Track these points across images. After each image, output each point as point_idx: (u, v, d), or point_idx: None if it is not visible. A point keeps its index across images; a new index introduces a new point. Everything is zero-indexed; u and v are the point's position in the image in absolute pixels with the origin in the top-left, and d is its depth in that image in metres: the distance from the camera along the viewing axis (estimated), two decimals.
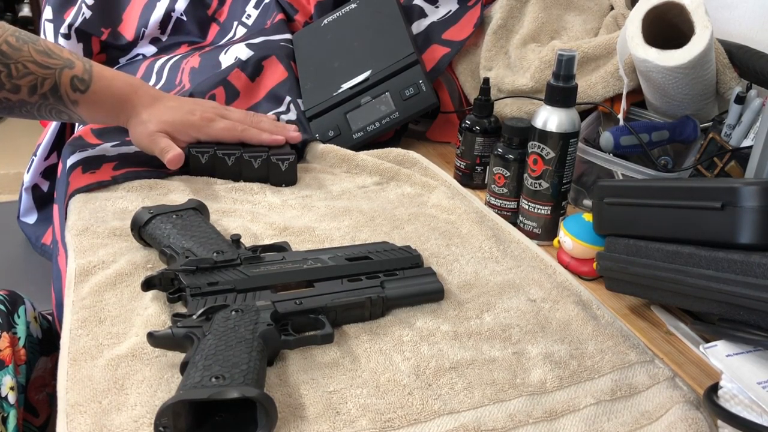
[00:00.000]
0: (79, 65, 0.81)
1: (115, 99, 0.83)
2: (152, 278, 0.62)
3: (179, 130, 0.85)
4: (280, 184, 0.89)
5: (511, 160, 0.83)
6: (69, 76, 0.80)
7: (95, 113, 0.84)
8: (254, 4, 1.29)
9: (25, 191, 1.51)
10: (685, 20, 0.83)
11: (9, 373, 0.68)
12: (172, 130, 0.85)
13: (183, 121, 0.85)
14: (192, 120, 0.86)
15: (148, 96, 0.85)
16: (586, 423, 0.53)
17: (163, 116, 0.84)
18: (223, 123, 0.88)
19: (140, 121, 0.84)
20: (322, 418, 0.51)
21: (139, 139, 0.85)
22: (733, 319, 0.56)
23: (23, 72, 0.77)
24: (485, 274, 0.71)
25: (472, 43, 1.11)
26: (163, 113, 0.85)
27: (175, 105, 0.87)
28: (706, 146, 0.84)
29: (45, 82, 0.78)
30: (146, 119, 0.84)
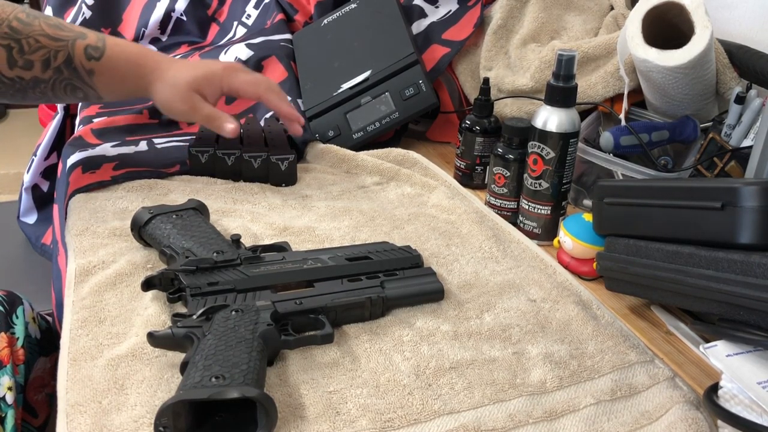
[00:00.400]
0: (91, 35, 0.79)
1: (132, 63, 0.80)
2: (152, 278, 0.62)
3: (207, 83, 0.82)
4: (280, 183, 0.89)
5: (511, 160, 0.83)
6: (82, 46, 0.77)
7: (112, 82, 0.80)
8: (254, 4, 1.29)
9: (25, 191, 1.51)
10: (685, 20, 0.83)
11: (7, 373, 0.68)
12: (203, 84, 0.81)
13: (208, 73, 0.82)
14: (215, 70, 0.82)
15: (165, 59, 0.82)
16: (586, 423, 0.53)
17: (189, 72, 0.81)
18: (247, 75, 0.85)
19: (166, 82, 0.80)
20: (322, 418, 0.51)
21: (170, 102, 0.81)
22: (733, 319, 0.56)
23: (35, 46, 0.75)
24: (485, 274, 0.71)
25: (472, 43, 1.11)
26: (188, 69, 0.81)
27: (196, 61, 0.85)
28: (706, 146, 0.84)
29: (58, 55, 0.76)
30: (172, 80, 0.80)
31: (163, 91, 0.81)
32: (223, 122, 0.81)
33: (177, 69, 0.81)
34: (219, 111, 0.82)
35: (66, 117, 1.41)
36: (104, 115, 1.07)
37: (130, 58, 0.80)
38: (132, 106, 1.13)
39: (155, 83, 0.81)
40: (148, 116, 1.06)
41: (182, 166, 0.89)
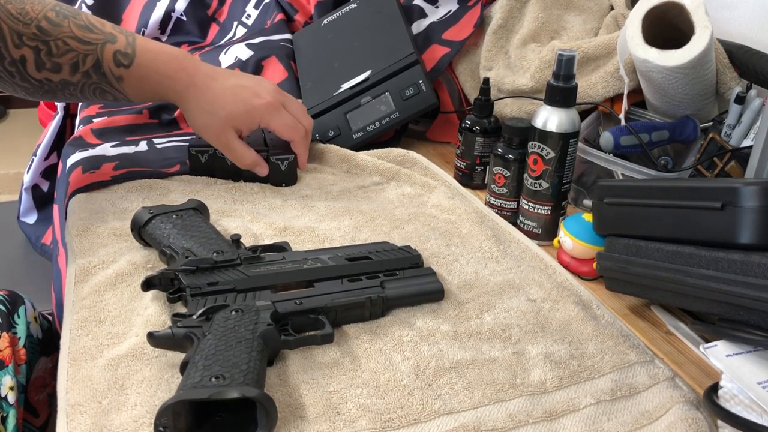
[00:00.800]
0: (121, 39, 0.76)
1: (162, 75, 0.78)
2: (152, 278, 0.62)
3: (246, 120, 0.81)
4: (280, 183, 0.89)
5: (511, 160, 0.83)
6: (112, 51, 0.75)
7: (142, 89, 0.78)
8: (254, 4, 1.29)
9: (25, 191, 1.51)
10: (685, 20, 0.83)
11: (9, 373, 0.68)
12: (240, 122, 0.80)
13: (249, 110, 0.80)
14: (257, 105, 0.81)
15: (200, 74, 0.79)
16: (586, 423, 0.53)
17: (228, 106, 0.79)
18: (287, 118, 0.83)
19: (201, 107, 0.79)
20: (322, 418, 0.51)
21: (203, 130, 0.81)
22: (733, 319, 0.56)
23: (63, 49, 0.72)
24: (485, 274, 0.71)
25: (472, 43, 1.11)
26: (227, 102, 0.79)
27: (235, 84, 0.81)
28: (706, 146, 0.84)
29: (87, 59, 0.74)
30: (209, 108, 0.79)
31: (198, 117, 0.80)
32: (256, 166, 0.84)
33: (215, 95, 0.79)
34: (251, 153, 0.83)
35: (66, 117, 1.41)
36: (104, 115, 1.07)
37: (160, 69, 0.77)
38: (132, 106, 1.13)
39: (189, 102, 0.79)
40: (148, 116, 1.06)
41: (182, 166, 0.89)
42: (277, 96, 0.83)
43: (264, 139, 0.92)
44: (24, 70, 0.72)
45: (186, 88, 0.78)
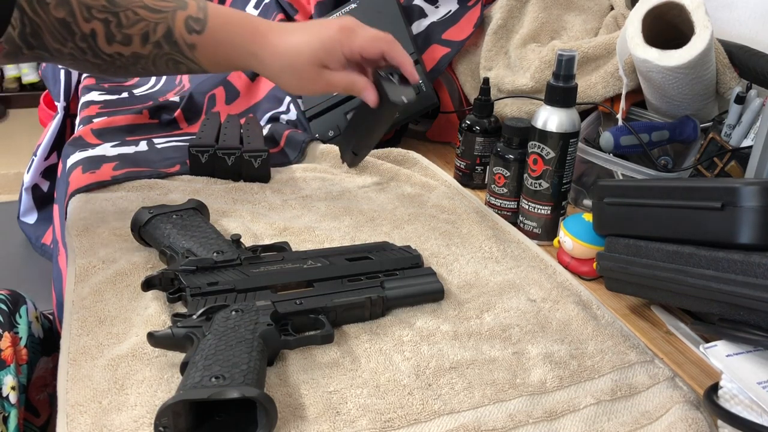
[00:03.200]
0: (192, 5, 0.73)
1: (237, 38, 0.74)
2: (152, 278, 0.62)
3: (328, 54, 0.74)
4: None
5: (511, 160, 0.83)
6: (183, 17, 0.71)
7: (216, 55, 0.74)
8: (254, 4, 1.29)
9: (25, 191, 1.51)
10: (685, 20, 0.83)
11: (10, 373, 0.68)
12: (324, 58, 0.74)
13: (327, 42, 0.74)
14: (332, 35, 0.74)
15: (273, 31, 0.75)
16: (586, 423, 0.53)
17: (305, 46, 0.73)
18: (366, 32, 0.75)
19: (281, 57, 0.74)
20: (322, 418, 0.51)
21: (298, 85, 0.76)
22: (733, 319, 0.56)
23: (134, 19, 0.70)
24: (485, 274, 0.71)
25: (472, 43, 1.11)
26: (303, 42, 0.74)
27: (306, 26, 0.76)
28: (706, 146, 0.84)
29: (158, 28, 0.71)
30: (288, 56, 0.74)
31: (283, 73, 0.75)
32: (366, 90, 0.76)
33: (289, 43, 0.74)
34: (354, 76, 0.76)
35: (66, 117, 1.41)
36: (104, 115, 1.07)
37: (235, 30, 0.74)
38: (132, 106, 1.13)
39: (266, 61, 0.75)
40: (148, 116, 1.06)
41: (182, 166, 0.89)
42: (349, 19, 0.77)
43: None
44: (95, 45, 0.70)
45: (263, 48, 0.74)
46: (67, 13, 0.68)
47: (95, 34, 0.70)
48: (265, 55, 0.74)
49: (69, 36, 0.69)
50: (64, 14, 0.68)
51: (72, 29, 0.69)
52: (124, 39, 0.70)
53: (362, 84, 0.76)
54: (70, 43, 0.70)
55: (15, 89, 3.41)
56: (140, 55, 0.72)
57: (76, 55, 0.71)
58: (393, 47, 0.76)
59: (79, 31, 0.69)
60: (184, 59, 0.74)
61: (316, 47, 0.74)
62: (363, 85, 0.76)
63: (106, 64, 0.72)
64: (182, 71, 0.75)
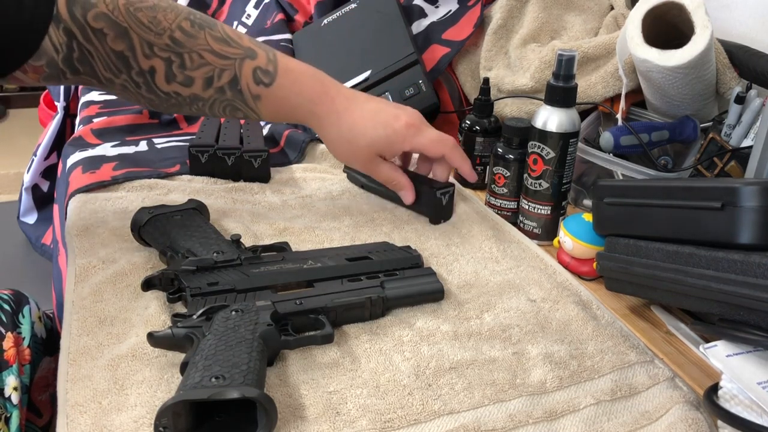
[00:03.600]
0: (262, 55, 0.72)
1: (304, 98, 0.74)
2: (152, 278, 0.62)
3: (389, 146, 0.76)
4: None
5: (511, 160, 0.83)
6: (251, 67, 0.70)
7: (278, 110, 0.74)
8: (254, 4, 1.29)
9: (25, 191, 1.51)
10: (685, 20, 0.83)
11: (13, 373, 0.68)
12: (384, 148, 0.76)
13: (391, 135, 0.75)
14: (397, 128, 0.76)
15: (341, 97, 0.76)
16: (586, 423, 0.53)
17: (369, 132, 0.75)
18: (431, 134, 0.78)
19: (342, 133, 0.75)
20: (322, 419, 0.51)
21: (346, 156, 0.79)
22: (733, 319, 0.56)
23: (198, 62, 0.68)
24: (485, 274, 0.71)
25: (472, 43, 1.11)
26: (368, 127, 0.75)
27: (375, 108, 0.76)
28: (706, 146, 0.84)
29: (223, 74, 0.69)
30: (349, 134, 0.75)
31: (340, 146, 0.77)
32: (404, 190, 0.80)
33: (354, 120, 0.75)
34: (399, 176, 0.79)
35: (66, 117, 1.41)
36: (104, 115, 1.07)
37: (303, 91, 0.74)
38: (132, 106, 1.13)
39: (329, 129, 0.76)
40: (148, 116, 1.06)
41: (182, 166, 0.89)
42: (418, 117, 0.79)
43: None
44: (152, 81, 0.68)
45: (327, 114, 0.75)
46: (127, 47, 0.66)
47: (154, 71, 0.68)
48: (328, 121, 0.75)
49: (125, 69, 0.67)
50: (123, 48, 0.66)
51: (129, 63, 0.67)
52: (186, 80, 0.69)
53: (405, 184, 0.80)
54: (124, 75, 0.67)
55: (15, 89, 3.42)
56: (199, 97, 0.71)
57: (129, 87, 0.69)
58: (454, 151, 0.79)
59: (137, 66, 0.67)
60: (245, 107, 0.73)
61: (380, 137, 0.75)
62: (405, 185, 0.80)
63: (159, 100, 0.71)
64: (237, 117, 0.75)
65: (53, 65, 0.65)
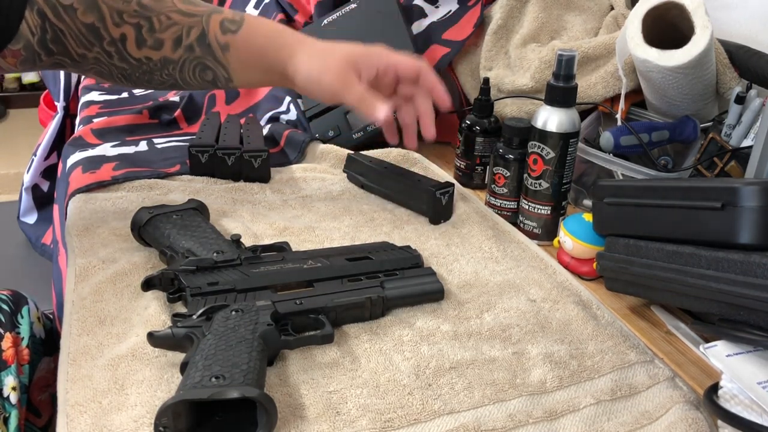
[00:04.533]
0: (228, 10, 0.73)
1: (272, 34, 0.73)
2: (152, 278, 0.62)
3: (366, 59, 0.73)
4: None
5: (511, 160, 0.83)
6: (218, 19, 0.71)
7: (249, 57, 0.73)
8: (254, 4, 1.29)
9: (25, 191, 1.51)
10: (685, 20, 0.83)
11: (11, 374, 0.68)
12: (360, 61, 0.73)
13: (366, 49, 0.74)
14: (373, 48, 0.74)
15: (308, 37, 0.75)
16: (586, 423, 0.53)
17: (345, 46, 0.73)
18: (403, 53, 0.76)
19: (315, 54, 0.73)
20: (322, 418, 0.51)
21: (320, 74, 0.73)
22: (733, 319, 0.56)
23: (166, 23, 0.69)
24: (485, 274, 0.71)
25: (472, 43, 1.11)
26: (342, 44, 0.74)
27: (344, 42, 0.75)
28: (706, 146, 0.84)
29: (191, 31, 0.70)
30: (323, 52, 0.73)
31: (312, 62, 0.73)
32: (377, 105, 0.71)
33: (326, 44, 0.74)
34: (372, 92, 0.73)
35: (66, 117, 1.41)
36: (104, 115, 1.07)
37: (269, 33, 0.73)
38: (132, 106, 1.13)
39: (299, 54, 0.73)
40: (148, 116, 1.06)
41: (182, 166, 0.89)
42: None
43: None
44: (124, 50, 0.69)
45: (296, 43, 0.74)
46: (97, 18, 0.67)
47: (125, 39, 0.69)
48: (301, 47, 0.74)
49: (96, 41, 0.68)
50: (94, 19, 0.67)
51: (101, 34, 0.68)
52: (155, 43, 0.70)
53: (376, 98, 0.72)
54: (96, 47, 0.68)
55: (15, 89, 3.42)
56: (169, 59, 0.71)
57: (102, 59, 0.70)
58: (429, 71, 0.76)
59: (108, 35, 0.68)
60: (214, 63, 0.73)
61: (357, 48, 0.74)
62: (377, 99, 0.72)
63: (131, 68, 0.71)
64: (207, 79, 0.74)
65: (29, 48, 0.66)
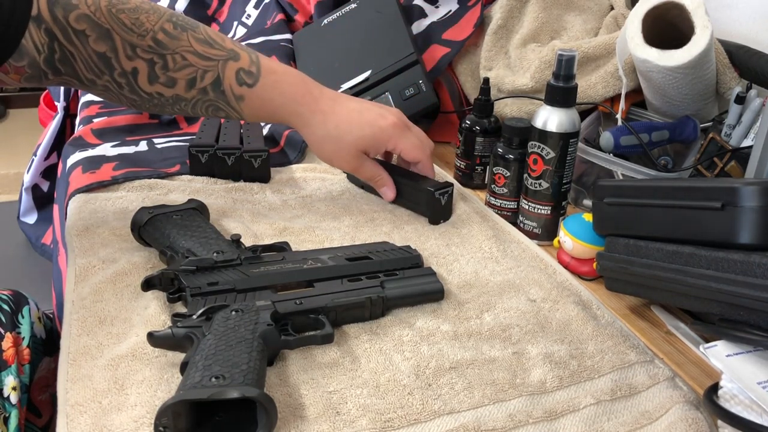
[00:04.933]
0: (245, 57, 0.73)
1: (287, 97, 0.75)
2: (152, 278, 0.62)
3: (374, 144, 0.79)
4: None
5: (511, 160, 0.83)
6: (235, 68, 0.71)
7: (261, 110, 0.75)
8: (254, 4, 1.29)
9: (25, 191, 1.51)
10: (685, 20, 0.83)
11: (12, 374, 0.68)
12: (369, 146, 0.78)
13: (377, 133, 0.78)
14: (384, 126, 0.78)
15: (325, 98, 0.77)
16: (586, 423, 0.53)
17: (355, 130, 0.77)
18: (413, 138, 0.80)
19: (327, 132, 0.76)
20: (322, 418, 0.51)
21: (331, 156, 0.79)
22: (733, 319, 0.56)
23: (181, 64, 0.69)
24: (485, 274, 0.71)
25: (472, 43, 1.11)
26: (353, 123, 0.77)
27: (359, 108, 0.78)
28: (706, 146, 0.84)
29: (206, 76, 0.70)
30: (335, 133, 0.76)
31: (323, 146, 0.78)
32: (385, 186, 0.83)
33: (340, 119, 0.76)
34: (382, 172, 0.82)
35: (66, 117, 1.41)
36: (104, 115, 1.07)
37: (286, 91, 0.74)
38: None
39: (314, 128, 0.77)
40: (148, 116, 1.06)
41: (182, 166, 0.89)
42: (402, 118, 0.81)
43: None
44: (135, 83, 0.69)
45: (312, 113, 0.76)
46: (109, 48, 0.66)
47: (137, 72, 0.68)
48: (314, 120, 0.76)
49: (107, 70, 0.67)
50: (106, 49, 0.66)
51: (112, 64, 0.67)
52: (168, 81, 0.69)
53: (386, 181, 0.82)
54: (107, 76, 0.68)
55: (15, 89, 3.41)
56: (182, 98, 0.71)
57: (111, 88, 0.69)
58: (427, 161, 0.83)
59: (120, 67, 0.67)
60: (227, 107, 0.73)
61: (366, 135, 0.77)
62: (386, 182, 0.82)
63: (141, 101, 0.71)
64: (219, 116, 0.75)
65: (35, 66, 0.65)
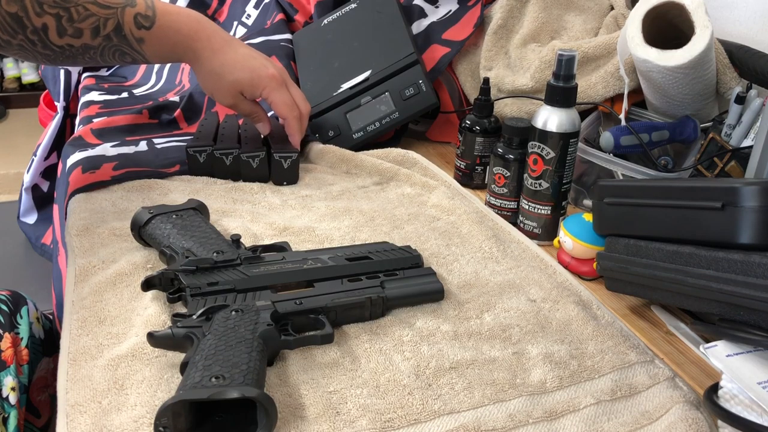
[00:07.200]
0: (140, 2, 0.78)
1: (182, 35, 0.81)
2: (152, 278, 0.62)
3: (250, 88, 0.85)
4: (281, 182, 0.88)
5: (511, 160, 0.83)
6: (132, 14, 0.77)
7: (162, 50, 0.81)
8: (254, 4, 1.29)
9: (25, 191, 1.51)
10: (685, 20, 0.83)
11: (10, 374, 0.68)
12: (245, 88, 0.85)
13: (255, 79, 0.85)
14: (263, 75, 0.85)
15: (217, 38, 0.84)
16: (586, 423, 0.53)
17: (236, 73, 0.84)
18: (286, 96, 0.87)
19: (212, 69, 0.84)
20: (322, 418, 0.51)
21: (212, 91, 0.86)
22: (733, 319, 0.56)
23: (84, 14, 0.74)
24: (485, 274, 0.71)
25: (472, 43, 1.11)
26: (237, 65, 0.84)
27: (247, 54, 0.85)
28: (706, 146, 0.84)
29: (108, 23, 0.76)
30: (218, 70, 0.84)
31: (208, 79, 0.85)
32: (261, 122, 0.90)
33: (225, 59, 0.84)
34: (259, 110, 0.89)
35: (66, 117, 1.41)
36: (104, 115, 1.07)
37: (181, 30, 0.81)
38: (132, 106, 1.13)
39: (202, 63, 0.83)
40: (148, 116, 1.06)
41: (182, 166, 0.89)
42: (283, 74, 0.88)
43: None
44: (46, 38, 0.74)
45: (202, 49, 0.82)
46: (20, 8, 0.71)
47: (47, 28, 0.73)
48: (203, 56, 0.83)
49: (20, 29, 0.72)
50: (17, 9, 0.71)
51: (23, 23, 0.72)
52: (75, 32, 0.75)
53: (263, 116, 0.90)
54: (20, 35, 0.73)
55: (15, 89, 3.42)
56: (90, 46, 0.77)
57: (26, 46, 0.74)
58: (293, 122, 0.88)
59: (31, 24, 0.72)
60: (131, 51, 0.79)
61: (245, 78, 0.84)
62: (263, 117, 0.90)
63: (55, 55, 0.76)
64: (127, 61, 0.81)
65: None
